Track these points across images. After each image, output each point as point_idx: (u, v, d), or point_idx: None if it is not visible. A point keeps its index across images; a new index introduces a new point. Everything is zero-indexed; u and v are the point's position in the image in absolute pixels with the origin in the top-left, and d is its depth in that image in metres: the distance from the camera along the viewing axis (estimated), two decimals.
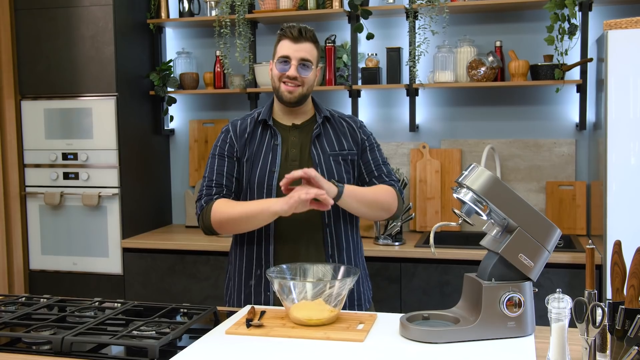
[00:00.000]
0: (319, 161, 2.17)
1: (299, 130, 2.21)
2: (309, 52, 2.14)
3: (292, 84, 2.13)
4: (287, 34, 2.14)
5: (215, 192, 2.17)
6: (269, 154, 2.17)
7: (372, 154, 2.26)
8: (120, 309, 2.01)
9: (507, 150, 3.56)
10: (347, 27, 3.70)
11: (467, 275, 1.89)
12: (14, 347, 1.77)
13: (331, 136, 2.22)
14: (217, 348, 1.73)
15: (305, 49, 2.13)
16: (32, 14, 3.63)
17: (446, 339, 1.73)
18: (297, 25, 2.15)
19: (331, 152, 2.19)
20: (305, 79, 2.14)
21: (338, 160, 2.20)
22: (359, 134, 2.26)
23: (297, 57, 2.12)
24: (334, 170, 2.17)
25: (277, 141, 2.18)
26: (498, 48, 3.47)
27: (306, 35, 2.14)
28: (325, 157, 2.18)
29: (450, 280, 3.13)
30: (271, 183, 2.15)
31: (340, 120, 2.27)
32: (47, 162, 3.66)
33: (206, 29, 3.94)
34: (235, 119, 2.27)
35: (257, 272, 2.20)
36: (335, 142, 2.21)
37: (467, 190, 1.78)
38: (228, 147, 2.20)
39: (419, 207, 3.61)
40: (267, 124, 2.21)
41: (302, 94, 2.15)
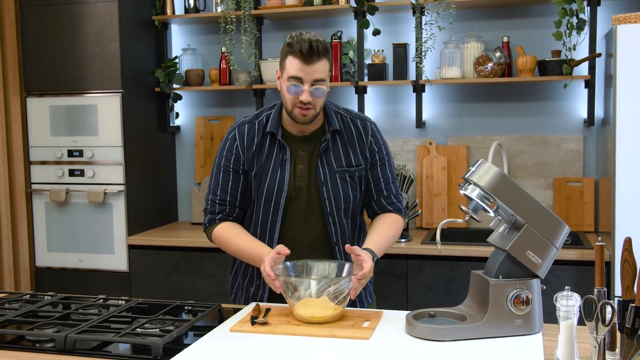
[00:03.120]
0: (325, 179, 2.08)
1: (307, 142, 2.10)
2: (322, 71, 1.97)
3: (305, 109, 2.00)
4: (297, 53, 1.94)
5: (218, 210, 2.13)
6: (277, 169, 2.09)
7: (382, 170, 2.16)
8: (124, 307, 2.00)
9: (515, 147, 3.53)
10: (353, 23, 3.67)
11: (474, 272, 1.87)
12: (18, 344, 1.77)
13: (339, 150, 2.11)
14: (222, 345, 1.71)
15: (318, 68, 1.95)
16: (37, 10, 3.62)
17: (453, 337, 1.71)
18: (308, 39, 1.94)
19: (338, 168, 2.10)
20: (319, 101, 2.00)
21: (345, 177, 2.11)
22: (369, 144, 2.13)
23: (310, 80, 1.96)
24: (340, 188, 2.10)
25: (286, 156, 2.09)
26: (505, 44, 3.44)
27: (319, 51, 1.94)
28: (332, 174, 2.09)
29: (457, 277, 3.10)
30: (279, 202, 2.08)
31: (351, 127, 2.13)
32: (52, 159, 3.65)
33: (211, 26, 3.93)
34: (242, 123, 2.15)
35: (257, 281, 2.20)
36: (343, 157, 2.10)
37: (474, 187, 1.76)
38: (234, 160, 2.11)
39: (425, 204, 3.59)
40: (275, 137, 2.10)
41: (315, 114, 2.03)
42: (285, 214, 2.09)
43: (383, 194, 2.16)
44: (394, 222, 2.16)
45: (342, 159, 2.10)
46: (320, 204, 2.08)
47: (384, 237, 2.10)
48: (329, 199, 2.08)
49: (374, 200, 2.17)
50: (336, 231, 2.12)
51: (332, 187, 2.09)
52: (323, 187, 2.08)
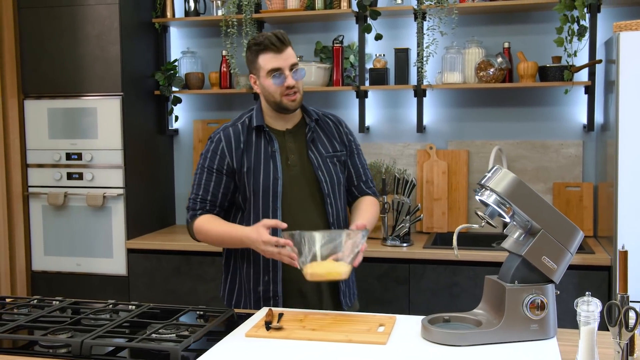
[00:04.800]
0: (319, 164, 2.22)
1: (292, 134, 2.25)
2: (294, 55, 2.18)
3: (293, 94, 2.16)
4: (268, 46, 2.12)
5: (199, 207, 2.21)
6: (269, 161, 2.18)
7: (359, 158, 2.37)
8: (136, 312, 1.99)
9: (515, 152, 3.56)
10: (355, 28, 3.68)
11: (488, 277, 1.88)
12: (30, 350, 1.75)
13: (323, 138, 2.29)
14: (240, 351, 1.71)
15: (290, 53, 2.16)
16: (36, 12, 3.59)
17: (469, 342, 1.72)
18: (271, 33, 2.14)
19: (327, 154, 2.26)
20: (301, 83, 2.19)
21: (334, 161, 2.27)
22: (345, 134, 2.34)
23: (287, 66, 2.14)
24: (332, 172, 2.25)
25: (275, 147, 2.20)
26: (506, 49, 3.47)
27: (285, 40, 2.15)
28: (323, 159, 2.24)
29: (459, 281, 3.12)
30: (276, 190, 2.17)
31: (326, 120, 2.33)
32: (50, 162, 3.62)
33: (211, 29, 3.92)
34: (225, 127, 2.24)
35: (264, 278, 2.20)
36: (328, 144, 2.28)
37: (490, 192, 1.77)
38: (218, 160, 2.19)
39: (426, 208, 3.60)
40: (261, 130, 2.21)
41: (301, 98, 2.21)
42: (282, 203, 2.18)
43: (362, 179, 2.36)
44: (375, 204, 2.35)
45: (328, 146, 2.28)
46: (317, 189, 2.21)
47: (370, 216, 2.27)
48: (326, 182, 2.22)
49: (354, 185, 2.36)
50: (333, 214, 2.24)
51: (326, 171, 2.23)
52: (319, 171, 2.22)
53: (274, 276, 2.19)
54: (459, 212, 3.60)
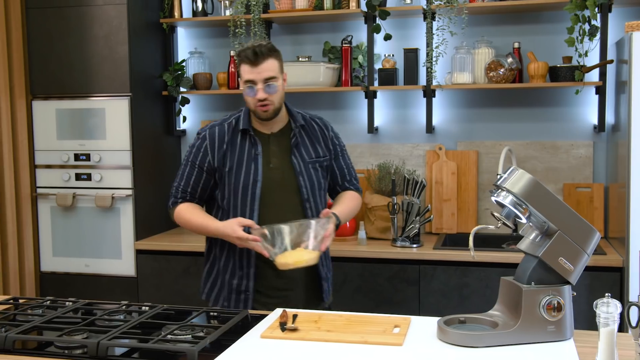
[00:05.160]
0: (300, 170, 2.31)
1: (277, 138, 2.32)
2: (270, 69, 2.21)
3: (264, 105, 2.23)
4: (245, 59, 2.21)
5: (180, 196, 2.37)
6: (251, 163, 2.28)
7: (343, 159, 2.47)
8: (150, 313, 1.98)
9: (524, 152, 3.54)
10: (363, 28, 3.67)
11: (504, 278, 1.87)
12: (45, 351, 1.75)
13: (307, 143, 2.36)
14: (256, 352, 1.70)
15: (265, 68, 2.20)
16: (44, 12, 3.59)
17: (486, 343, 1.71)
18: (252, 46, 2.22)
19: (309, 159, 2.34)
20: (274, 96, 2.23)
21: (316, 167, 2.35)
22: (330, 138, 2.42)
23: (260, 80, 2.21)
24: (314, 177, 2.34)
25: (258, 150, 2.29)
26: (516, 49, 3.46)
27: (262, 53, 2.20)
28: (305, 165, 2.32)
29: (470, 282, 3.11)
30: (255, 192, 2.27)
31: (312, 124, 2.40)
32: (58, 162, 3.61)
33: (219, 29, 3.91)
34: (212, 126, 2.35)
35: (239, 272, 2.29)
36: (312, 149, 2.36)
37: (506, 193, 1.76)
38: (201, 157, 2.31)
39: (435, 209, 3.59)
40: (247, 133, 2.31)
41: (275, 108, 2.26)
42: (261, 205, 2.27)
43: (347, 179, 2.48)
44: (354, 197, 2.47)
45: (311, 151, 2.35)
46: (296, 193, 2.29)
47: (347, 206, 2.40)
48: (306, 187, 2.30)
49: (339, 185, 2.48)
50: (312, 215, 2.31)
51: (307, 177, 2.31)
52: (299, 177, 2.30)
53: (247, 272, 2.29)
54: (469, 213, 3.59)
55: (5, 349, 1.74)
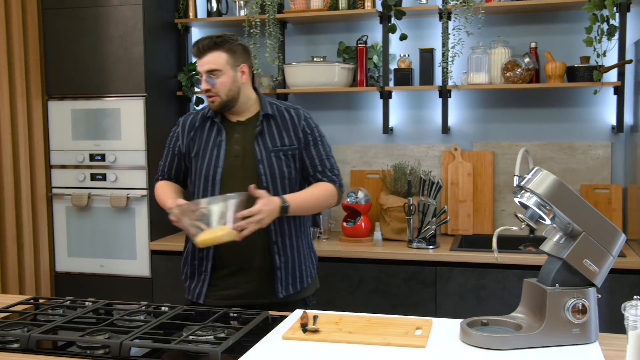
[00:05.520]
0: (261, 157, 2.30)
1: (243, 127, 2.35)
2: (213, 62, 2.26)
3: (210, 96, 2.29)
4: (193, 51, 2.30)
5: (160, 174, 2.53)
6: (214, 150, 2.33)
7: (316, 148, 2.39)
8: (170, 313, 1.98)
9: (541, 153, 3.52)
10: (378, 28, 3.66)
11: (527, 280, 1.85)
12: (67, 351, 1.74)
13: (274, 132, 2.34)
14: (278, 353, 1.69)
15: (208, 60, 2.26)
16: (59, 13, 3.60)
17: (510, 346, 1.69)
18: (201, 39, 2.27)
19: (273, 147, 2.32)
20: (218, 87, 2.27)
21: (279, 155, 2.32)
22: (302, 127, 2.37)
23: (203, 71, 2.28)
24: (275, 165, 2.31)
25: (222, 137, 2.33)
26: (533, 49, 3.43)
27: (205, 47, 2.25)
28: (267, 153, 2.31)
29: (487, 284, 3.09)
30: (215, 177, 2.31)
31: (284, 114, 2.38)
32: (74, 162, 3.62)
33: (233, 29, 3.90)
34: (188, 115, 2.46)
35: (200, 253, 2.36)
36: (277, 138, 2.34)
37: (530, 195, 1.74)
38: (174, 141, 2.45)
39: (451, 210, 3.57)
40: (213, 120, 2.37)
41: (222, 101, 2.29)
42: (221, 191, 2.29)
43: (318, 169, 2.38)
44: (321, 186, 2.37)
45: (277, 140, 2.33)
46: (256, 180, 2.28)
47: (305, 194, 2.33)
48: (266, 175, 2.29)
49: (311, 176, 2.40)
50: None
51: (268, 165, 2.30)
52: (260, 165, 2.29)
53: (207, 253, 2.34)
54: (485, 214, 3.57)
55: (28, 349, 1.74)
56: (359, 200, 3.47)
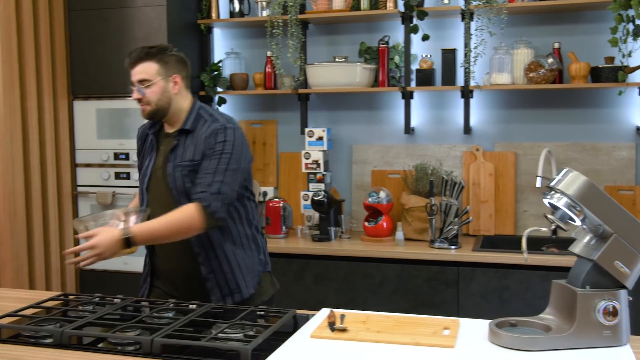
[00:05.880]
0: (170, 172, 2.27)
1: (169, 139, 2.33)
2: (143, 72, 2.26)
3: (141, 105, 2.29)
4: (125, 62, 2.31)
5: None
6: (148, 160, 2.36)
7: (208, 162, 2.20)
8: (199, 311, 2.00)
9: (564, 154, 3.51)
10: (399, 28, 3.67)
11: (555, 282, 1.85)
12: (98, 347, 1.77)
13: (187, 146, 2.26)
14: (307, 351, 1.70)
15: (138, 70, 2.27)
16: (85, 14, 3.64)
17: (540, 347, 1.69)
18: (134, 50, 2.30)
19: (179, 162, 2.26)
20: (148, 97, 2.26)
21: (185, 172, 2.24)
22: (207, 141, 2.22)
23: (135, 81, 2.28)
24: (180, 181, 2.24)
25: (154, 148, 2.35)
26: (556, 50, 3.42)
27: (136, 57, 2.27)
28: (175, 167, 2.26)
29: (510, 285, 3.08)
30: (143, 188, 2.36)
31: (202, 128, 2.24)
32: (98, 161, 3.66)
33: (255, 30, 3.93)
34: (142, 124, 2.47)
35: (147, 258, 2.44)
36: (187, 153, 2.25)
37: (560, 195, 1.74)
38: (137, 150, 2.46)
39: (472, 211, 3.56)
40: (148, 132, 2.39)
41: (152, 110, 2.28)
42: (150, 200, 2.33)
43: (197, 184, 2.20)
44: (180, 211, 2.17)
45: (186, 155, 2.26)
46: (170, 194, 2.28)
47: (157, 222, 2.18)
48: (175, 188, 2.26)
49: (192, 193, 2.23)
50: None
51: (174, 180, 2.26)
52: (169, 178, 2.28)
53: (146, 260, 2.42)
54: (507, 215, 3.56)
55: (61, 344, 1.77)
56: (381, 200, 3.48)
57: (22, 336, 1.85)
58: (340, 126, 3.87)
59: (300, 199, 3.76)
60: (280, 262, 3.40)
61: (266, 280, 2.42)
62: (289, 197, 3.89)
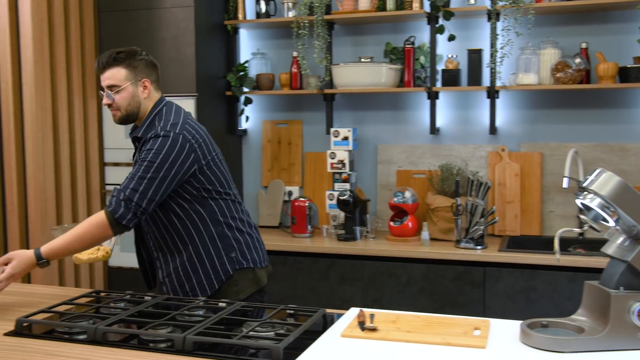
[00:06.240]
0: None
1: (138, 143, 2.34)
2: (113, 77, 2.25)
3: (112, 110, 2.30)
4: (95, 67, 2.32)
5: None
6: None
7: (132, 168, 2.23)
8: (229, 309, 2.01)
9: (591, 154, 3.48)
10: (425, 28, 3.66)
11: (588, 283, 1.84)
12: (130, 344, 1.79)
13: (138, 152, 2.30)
14: (338, 350, 1.71)
15: (107, 76, 2.25)
16: (114, 16, 3.68)
17: (573, 348, 1.68)
18: (102, 54, 2.27)
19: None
20: (118, 102, 2.26)
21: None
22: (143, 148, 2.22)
23: (105, 87, 2.27)
24: None
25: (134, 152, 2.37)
26: (584, 50, 3.40)
27: (104, 63, 2.25)
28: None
29: (537, 286, 3.07)
30: None
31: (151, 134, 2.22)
32: (126, 160, 3.70)
33: (281, 30, 3.95)
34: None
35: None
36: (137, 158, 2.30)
37: (593, 196, 1.73)
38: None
39: (498, 211, 3.55)
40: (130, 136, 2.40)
41: (122, 115, 2.29)
42: None
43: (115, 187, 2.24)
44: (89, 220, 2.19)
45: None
46: None
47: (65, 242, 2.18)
48: None
49: None
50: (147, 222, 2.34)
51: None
52: None
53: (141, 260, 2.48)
54: (533, 216, 3.54)
55: (95, 340, 1.79)
56: (406, 200, 3.48)
57: (56, 332, 1.88)
58: (365, 126, 3.88)
59: (325, 199, 3.77)
60: (305, 261, 3.42)
61: (243, 278, 2.37)
62: (314, 196, 3.91)
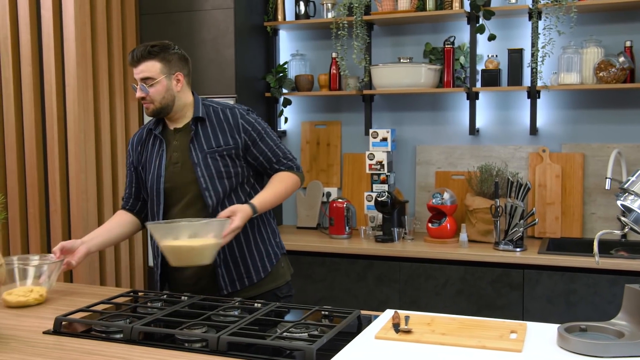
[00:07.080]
0: (198, 161, 2.30)
1: (180, 133, 2.35)
2: (148, 70, 2.28)
3: (145, 103, 2.32)
4: (128, 60, 2.33)
5: (124, 200, 2.52)
6: (157, 160, 2.35)
7: (263, 142, 2.37)
8: (264, 310, 2.03)
9: (635, 155, 3.39)
10: (464, 28, 3.63)
11: (629, 286, 1.80)
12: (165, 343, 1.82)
13: (209, 133, 2.33)
14: (372, 352, 1.71)
15: (142, 69, 2.28)
16: (156, 18, 3.75)
17: (612, 353, 1.65)
18: (136, 47, 2.30)
19: (208, 149, 2.31)
20: (152, 96, 2.29)
21: (215, 157, 2.31)
22: (240, 126, 2.34)
23: (138, 79, 2.30)
24: (212, 167, 2.30)
25: (163, 147, 2.35)
26: (628, 48, 3.32)
27: (139, 56, 2.27)
28: (203, 155, 2.30)
29: (577, 289, 3.01)
30: (159, 187, 2.34)
31: (220, 115, 2.36)
32: None
33: (320, 31, 3.96)
34: (137, 131, 2.50)
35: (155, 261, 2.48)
36: (213, 140, 2.32)
37: (635, 197, 1.69)
38: (129, 160, 2.48)
39: (538, 213, 3.49)
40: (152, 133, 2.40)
41: (156, 108, 2.31)
42: (166, 198, 2.34)
43: (273, 161, 2.39)
44: (280, 177, 2.38)
45: (212, 141, 2.32)
46: (196, 183, 2.30)
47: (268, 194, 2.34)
48: (204, 177, 2.29)
49: (268, 169, 2.40)
50: (213, 206, 2.30)
51: (205, 167, 2.29)
52: (197, 168, 2.30)
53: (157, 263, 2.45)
54: (574, 218, 3.47)
55: (130, 340, 1.83)
56: (445, 202, 3.45)
57: (93, 331, 1.92)
58: (404, 127, 3.86)
59: (363, 200, 3.77)
60: (343, 262, 3.42)
61: (285, 263, 2.52)
62: (352, 197, 3.91)
